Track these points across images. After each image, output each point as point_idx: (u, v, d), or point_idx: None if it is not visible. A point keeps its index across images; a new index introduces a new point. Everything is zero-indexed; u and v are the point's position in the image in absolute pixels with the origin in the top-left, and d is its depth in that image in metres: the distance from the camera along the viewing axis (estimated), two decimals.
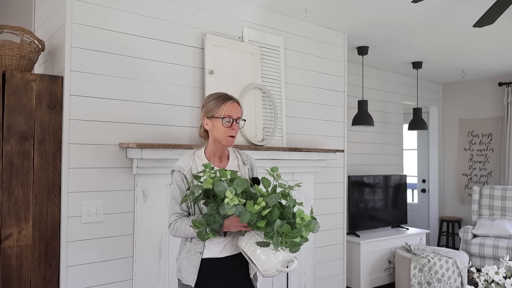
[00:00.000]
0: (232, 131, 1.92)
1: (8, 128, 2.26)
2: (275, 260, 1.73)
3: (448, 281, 4.04)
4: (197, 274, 1.89)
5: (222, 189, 1.64)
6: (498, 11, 2.56)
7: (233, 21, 3.16)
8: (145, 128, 2.68)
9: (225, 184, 1.65)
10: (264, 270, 1.75)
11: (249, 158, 2.11)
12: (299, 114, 3.56)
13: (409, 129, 5.43)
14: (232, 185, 1.67)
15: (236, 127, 1.95)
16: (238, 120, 1.95)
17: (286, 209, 1.73)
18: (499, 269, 1.77)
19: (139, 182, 2.61)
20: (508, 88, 5.75)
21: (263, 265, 1.74)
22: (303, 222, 1.69)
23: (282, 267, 1.75)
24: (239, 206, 1.65)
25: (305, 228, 1.69)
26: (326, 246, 3.72)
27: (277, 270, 1.75)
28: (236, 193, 1.65)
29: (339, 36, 3.89)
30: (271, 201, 1.66)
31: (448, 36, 4.05)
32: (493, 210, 5.41)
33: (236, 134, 1.95)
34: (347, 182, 4.20)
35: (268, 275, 1.77)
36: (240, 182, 1.68)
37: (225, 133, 1.92)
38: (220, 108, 1.92)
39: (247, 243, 1.78)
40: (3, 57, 2.35)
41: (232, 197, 1.63)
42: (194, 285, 1.89)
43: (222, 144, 1.95)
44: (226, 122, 1.91)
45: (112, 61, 2.57)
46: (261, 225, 1.66)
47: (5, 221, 2.25)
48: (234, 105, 1.95)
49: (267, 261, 1.74)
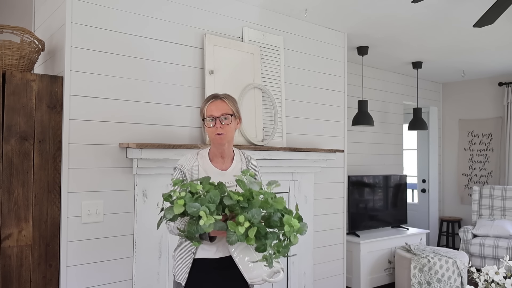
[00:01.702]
0: (218, 129, 1.88)
1: (8, 128, 2.26)
2: (261, 269, 1.73)
3: (448, 281, 4.04)
4: (188, 273, 1.89)
5: (195, 210, 1.56)
6: (498, 11, 2.56)
7: (233, 21, 3.16)
8: (145, 128, 2.69)
9: (197, 204, 1.57)
10: (249, 278, 1.75)
11: (254, 162, 2.08)
12: (299, 114, 3.56)
13: (409, 129, 5.43)
14: (205, 201, 1.58)
15: (222, 125, 1.88)
16: (222, 117, 1.88)
17: (272, 217, 1.66)
18: (499, 269, 1.77)
19: (139, 182, 2.61)
20: (508, 88, 5.75)
21: (249, 272, 1.74)
22: (292, 230, 1.62)
23: (268, 277, 1.74)
24: (217, 222, 1.59)
25: (295, 235, 1.64)
26: (326, 246, 3.72)
27: (262, 279, 1.75)
28: (211, 211, 1.57)
29: (339, 36, 3.89)
30: (254, 218, 1.58)
31: (448, 36, 4.05)
32: (493, 210, 5.41)
33: (225, 131, 1.88)
34: (347, 182, 4.20)
35: (253, 283, 1.77)
36: (214, 196, 1.60)
37: (212, 133, 1.90)
38: (203, 109, 1.93)
39: (236, 249, 1.76)
40: (3, 57, 2.35)
41: (207, 216, 1.56)
42: (184, 284, 1.89)
43: (216, 144, 1.92)
44: (209, 122, 1.89)
45: (112, 61, 2.57)
46: (251, 242, 1.61)
47: (5, 221, 2.25)
48: (216, 103, 1.91)
49: (254, 269, 1.74)
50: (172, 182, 1.73)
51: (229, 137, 1.92)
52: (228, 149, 1.97)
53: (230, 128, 1.91)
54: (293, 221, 1.63)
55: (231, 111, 1.92)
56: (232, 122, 1.92)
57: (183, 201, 1.58)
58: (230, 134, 1.92)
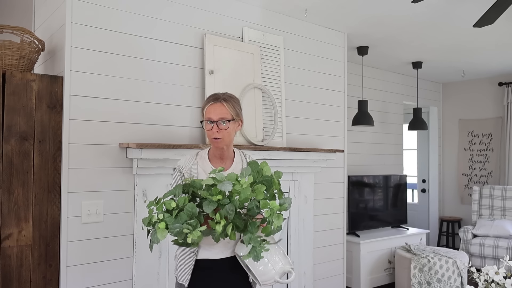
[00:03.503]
0: (214, 133, 1.85)
1: (8, 128, 2.26)
2: (273, 270, 1.73)
3: (448, 281, 4.04)
4: (190, 274, 1.88)
5: (178, 230, 1.55)
6: (498, 11, 2.56)
7: (233, 21, 3.16)
8: (145, 128, 2.68)
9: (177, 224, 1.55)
10: (262, 280, 1.74)
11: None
12: (299, 114, 3.56)
13: (409, 129, 5.43)
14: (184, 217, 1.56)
15: (219, 129, 1.84)
16: (220, 121, 1.84)
17: (251, 210, 1.62)
18: (499, 269, 1.77)
19: (139, 182, 2.61)
20: (508, 88, 5.75)
21: (261, 275, 1.74)
22: (272, 213, 1.59)
23: (279, 278, 1.74)
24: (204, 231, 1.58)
25: (278, 215, 1.61)
26: (326, 246, 3.72)
27: (274, 281, 1.75)
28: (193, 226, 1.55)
29: (339, 36, 3.89)
30: (229, 214, 1.55)
31: (448, 36, 4.05)
32: (493, 210, 5.41)
33: (222, 136, 1.85)
34: (347, 182, 4.20)
35: (266, 284, 1.76)
36: (191, 208, 1.57)
37: (209, 136, 1.88)
38: (203, 111, 1.90)
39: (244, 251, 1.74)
40: (3, 57, 2.35)
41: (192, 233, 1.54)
42: (187, 286, 1.89)
43: (214, 146, 1.91)
44: (207, 125, 1.87)
45: (112, 61, 2.57)
46: (233, 238, 1.60)
47: (5, 221, 2.25)
48: (215, 106, 1.86)
49: (266, 271, 1.73)
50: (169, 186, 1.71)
51: (226, 141, 1.88)
52: (228, 151, 1.95)
53: (227, 132, 1.87)
54: (271, 203, 1.60)
55: (230, 115, 1.87)
56: (230, 126, 1.87)
57: (164, 223, 1.55)
58: (227, 138, 1.88)
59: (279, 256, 1.76)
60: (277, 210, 1.61)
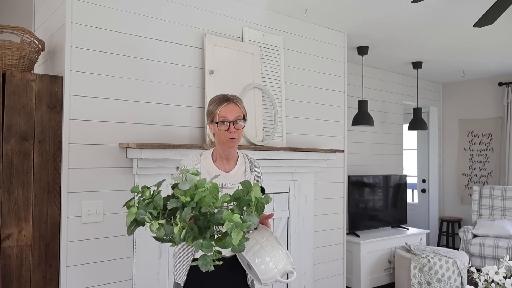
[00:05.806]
0: (231, 133, 1.87)
1: (8, 128, 2.26)
2: (275, 269, 1.73)
3: (448, 281, 4.04)
4: (186, 273, 1.88)
5: (142, 217, 1.56)
6: (498, 11, 2.56)
7: (233, 21, 3.16)
8: (145, 128, 2.69)
9: (142, 211, 1.56)
10: (264, 279, 1.74)
11: (258, 166, 2.07)
12: (299, 114, 3.56)
13: (409, 129, 5.43)
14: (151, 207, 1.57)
15: (236, 129, 1.87)
16: (237, 121, 1.88)
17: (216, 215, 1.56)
18: (499, 269, 1.77)
19: (139, 182, 2.61)
20: (508, 88, 5.75)
21: (263, 274, 1.73)
22: (232, 225, 1.51)
23: (281, 277, 1.74)
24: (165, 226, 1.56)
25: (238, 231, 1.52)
26: (326, 246, 3.72)
27: (276, 280, 1.75)
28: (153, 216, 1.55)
29: (339, 36, 3.89)
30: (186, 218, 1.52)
31: (448, 36, 4.05)
32: (493, 210, 5.41)
33: (237, 135, 1.88)
34: (347, 182, 4.20)
35: (267, 284, 1.76)
36: (158, 200, 1.57)
37: (225, 137, 1.88)
38: (216, 112, 1.89)
39: (247, 253, 1.73)
40: (3, 57, 2.35)
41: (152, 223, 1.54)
42: (183, 285, 1.89)
43: (226, 147, 1.91)
44: (222, 126, 1.87)
45: (112, 61, 2.57)
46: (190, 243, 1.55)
47: (5, 221, 2.25)
48: (230, 106, 1.88)
49: (268, 270, 1.73)
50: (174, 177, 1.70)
51: (240, 140, 1.93)
52: (234, 151, 1.98)
53: (242, 131, 1.93)
54: (234, 216, 1.52)
55: (243, 114, 1.92)
56: (244, 125, 1.92)
57: (136, 208, 1.58)
58: (240, 137, 1.93)
59: (282, 255, 1.76)
60: (239, 226, 1.53)
